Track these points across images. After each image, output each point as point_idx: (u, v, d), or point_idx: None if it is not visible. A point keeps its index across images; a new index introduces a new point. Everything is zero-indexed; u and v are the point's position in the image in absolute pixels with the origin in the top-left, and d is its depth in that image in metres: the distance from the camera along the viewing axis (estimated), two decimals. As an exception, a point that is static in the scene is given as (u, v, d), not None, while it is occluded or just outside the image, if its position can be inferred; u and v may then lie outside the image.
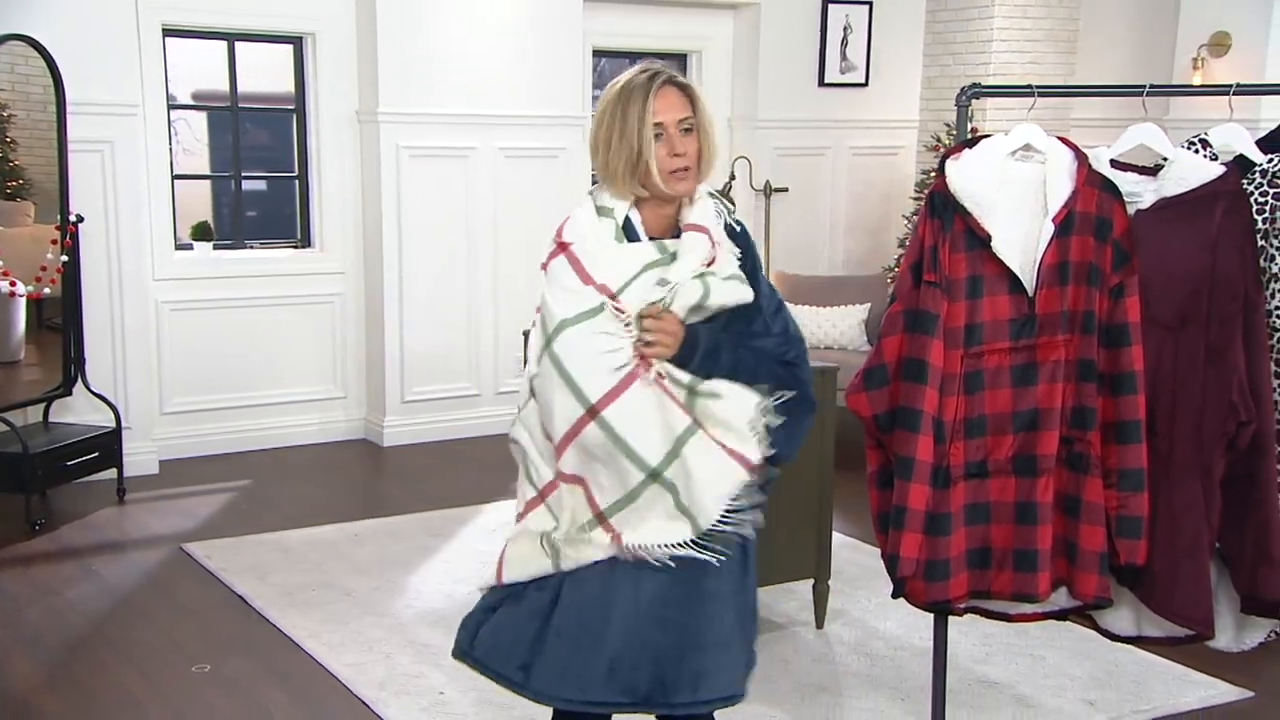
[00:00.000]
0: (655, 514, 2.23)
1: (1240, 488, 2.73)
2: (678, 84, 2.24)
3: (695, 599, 2.26)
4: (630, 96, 2.20)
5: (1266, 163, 2.73)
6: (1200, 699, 3.67)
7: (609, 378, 2.19)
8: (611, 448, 2.19)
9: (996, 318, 2.72)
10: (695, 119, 2.23)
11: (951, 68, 7.50)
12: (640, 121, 2.19)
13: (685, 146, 2.21)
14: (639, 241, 2.28)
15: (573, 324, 2.22)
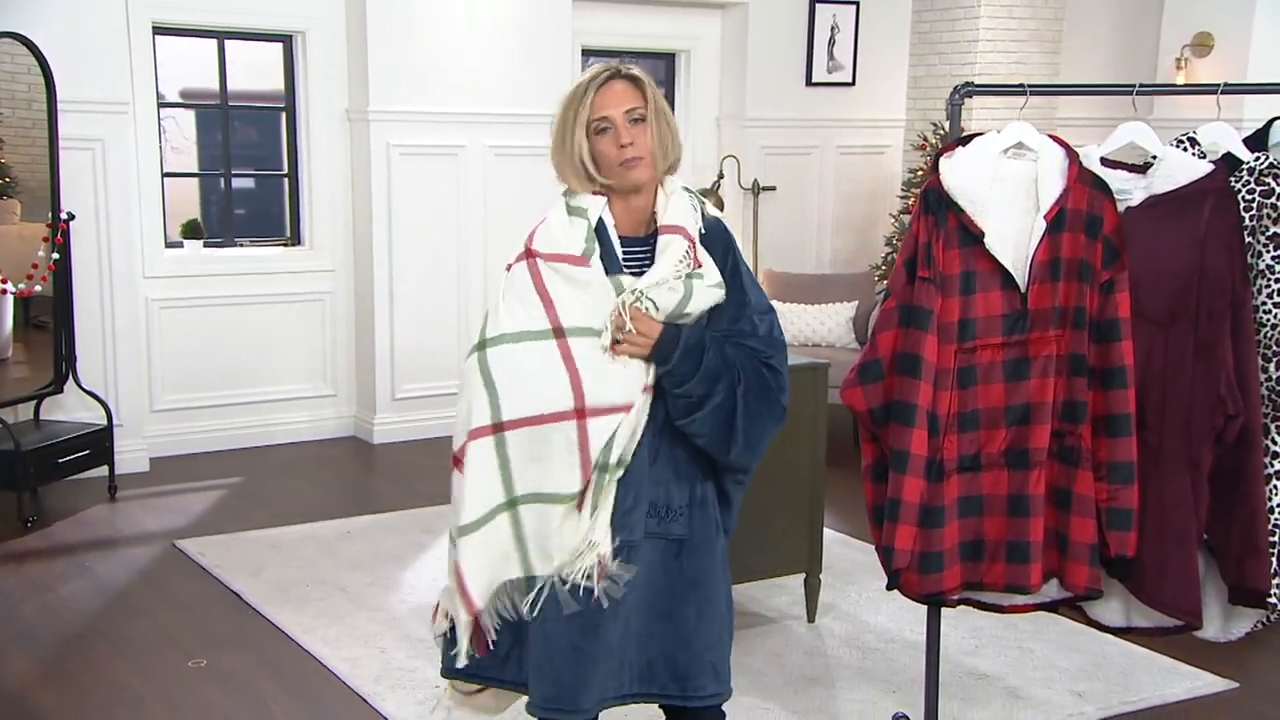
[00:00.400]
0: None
1: (1228, 481, 2.78)
2: (626, 76, 2.24)
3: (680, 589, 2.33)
4: (572, 97, 2.23)
5: (1254, 161, 2.78)
6: (1187, 690, 3.72)
7: (527, 403, 2.22)
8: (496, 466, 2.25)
9: (990, 313, 2.77)
10: (645, 109, 2.22)
11: (937, 67, 7.55)
12: (575, 120, 2.21)
13: (633, 136, 2.21)
14: (610, 246, 2.27)
15: (511, 341, 2.24)
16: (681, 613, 2.31)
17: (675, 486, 2.30)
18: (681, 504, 2.31)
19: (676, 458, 2.30)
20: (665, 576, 2.31)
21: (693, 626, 2.32)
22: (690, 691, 2.34)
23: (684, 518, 2.31)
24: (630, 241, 2.31)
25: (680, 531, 2.30)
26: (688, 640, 2.32)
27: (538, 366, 2.22)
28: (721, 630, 2.37)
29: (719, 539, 2.37)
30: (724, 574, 2.38)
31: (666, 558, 2.31)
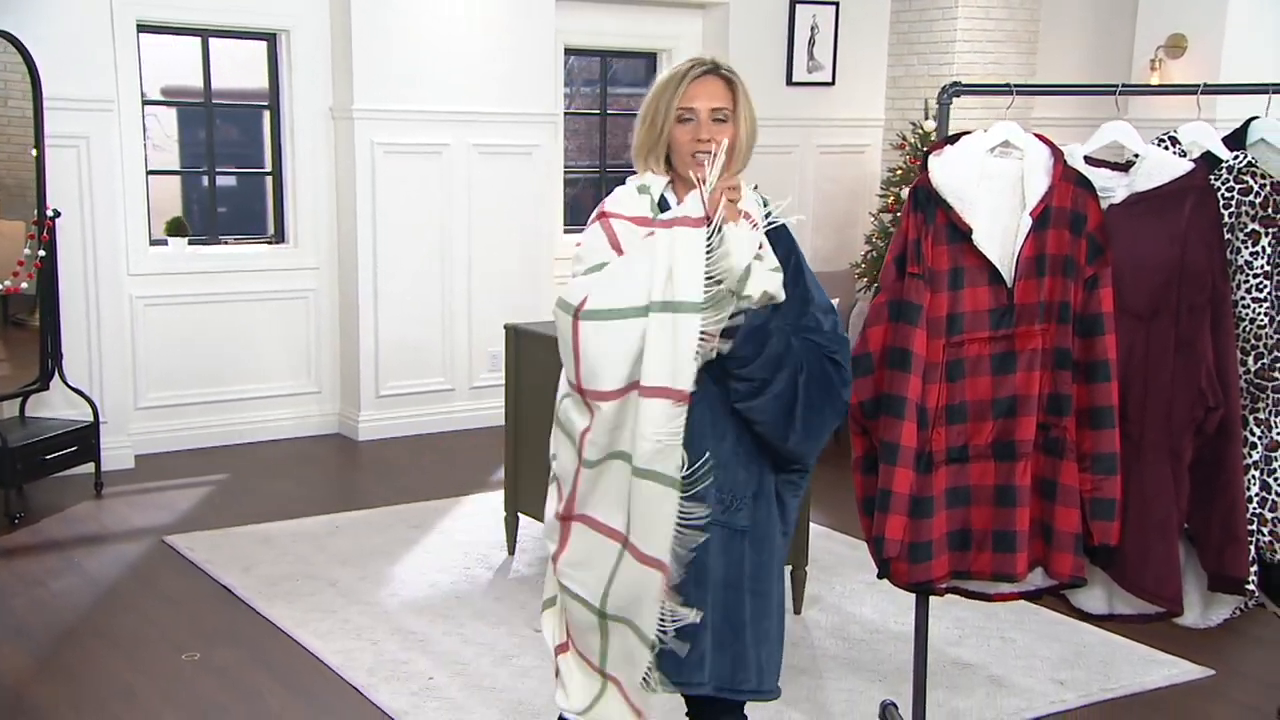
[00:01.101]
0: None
1: (1208, 471, 2.86)
2: (722, 74, 2.31)
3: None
4: (669, 80, 2.30)
5: (1232, 160, 2.86)
6: (1165, 677, 3.80)
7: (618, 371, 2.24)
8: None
9: (977, 308, 2.83)
10: (733, 109, 2.30)
11: (916, 68, 7.64)
12: (668, 105, 2.28)
13: (713, 133, 2.27)
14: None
15: (597, 318, 2.25)
16: (737, 605, 2.31)
17: (743, 473, 2.30)
18: (746, 494, 2.31)
19: (750, 449, 2.31)
20: (727, 568, 2.30)
21: (745, 620, 2.32)
22: (737, 685, 2.33)
23: (747, 508, 2.31)
24: None
25: (743, 523, 2.30)
26: (739, 633, 2.32)
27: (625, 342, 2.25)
28: (770, 627, 2.36)
29: (778, 537, 2.38)
30: (780, 574, 2.39)
31: (730, 548, 2.30)
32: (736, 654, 2.32)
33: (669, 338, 2.17)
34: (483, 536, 4.93)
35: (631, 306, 2.22)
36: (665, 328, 2.18)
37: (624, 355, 2.22)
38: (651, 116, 2.31)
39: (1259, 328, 2.84)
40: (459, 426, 6.63)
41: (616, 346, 2.22)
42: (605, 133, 7.66)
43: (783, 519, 2.40)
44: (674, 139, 2.30)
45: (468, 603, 4.28)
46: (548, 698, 3.56)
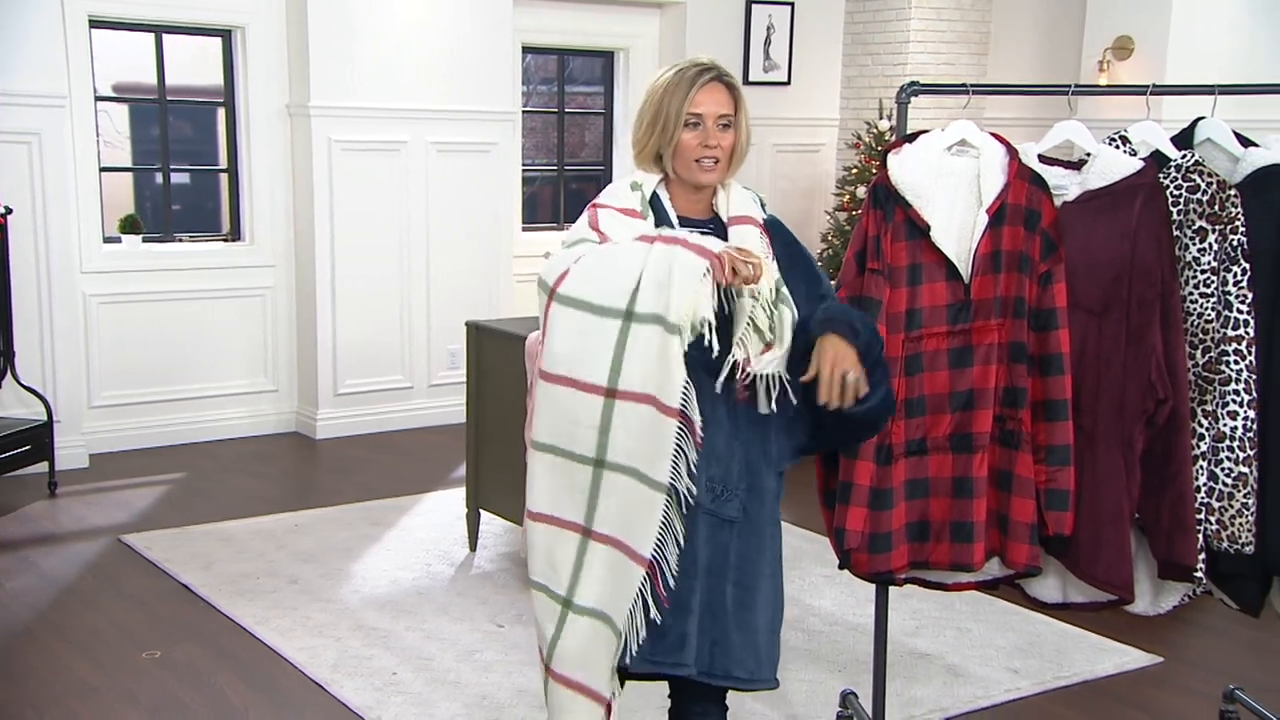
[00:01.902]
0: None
1: (1158, 462, 2.93)
2: (726, 82, 2.37)
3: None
4: (678, 84, 2.34)
5: (1180, 158, 2.93)
6: (1115, 665, 3.89)
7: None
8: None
9: (935, 303, 2.88)
10: (735, 117, 2.36)
11: (870, 68, 7.72)
12: (678, 110, 2.32)
13: (718, 140, 2.34)
14: (666, 218, 2.38)
15: (570, 305, 2.30)
16: (720, 593, 2.33)
17: (737, 466, 2.34)
18: (740, 486, 2.34)
19: (748, 442, 2.34)
20: (712, 555, 2.33)
21: (729, 609, 2.34)
22: (715, 670, 2.35)
23: (738, 500, 2.33)
24: (687, 222, 2.40)
25: (732, 514, 2.33)
26: (719, 620, 2.34)
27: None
28: (752, 619, 2.37)
29: (771, 530, 2.40)
30: (772, 569, 2.41)
31: (717, 537, 2.33)
32: (715, 640, 2.34)
33: (656, 352, 2.22)
34: (444, 533, 4.94)
35: (609, 306, 2.25)
36: (653, 341, 2.22)
37: (591, 350, 2.26)
38: (662, 120, 2.34)
39: (1206, 322, 2.91)
40: (418, 424, 6.63)
41: (585, 340, 2.26)
42: (563, 131, 7.68)
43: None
44: (680, 143, 2.35)
45: (430, 599, 4.29)
46: (512, 691, 3.59)
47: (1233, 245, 2.87)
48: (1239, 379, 2.88)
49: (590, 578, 2.33)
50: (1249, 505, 2.90)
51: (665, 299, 2.21)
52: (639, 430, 2.24)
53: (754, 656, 2.37)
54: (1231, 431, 2.90)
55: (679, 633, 2.30)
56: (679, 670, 2.34)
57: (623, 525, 2.29)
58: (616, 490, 2.28)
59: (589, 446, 2.28)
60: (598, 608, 2.33)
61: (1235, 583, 3.02)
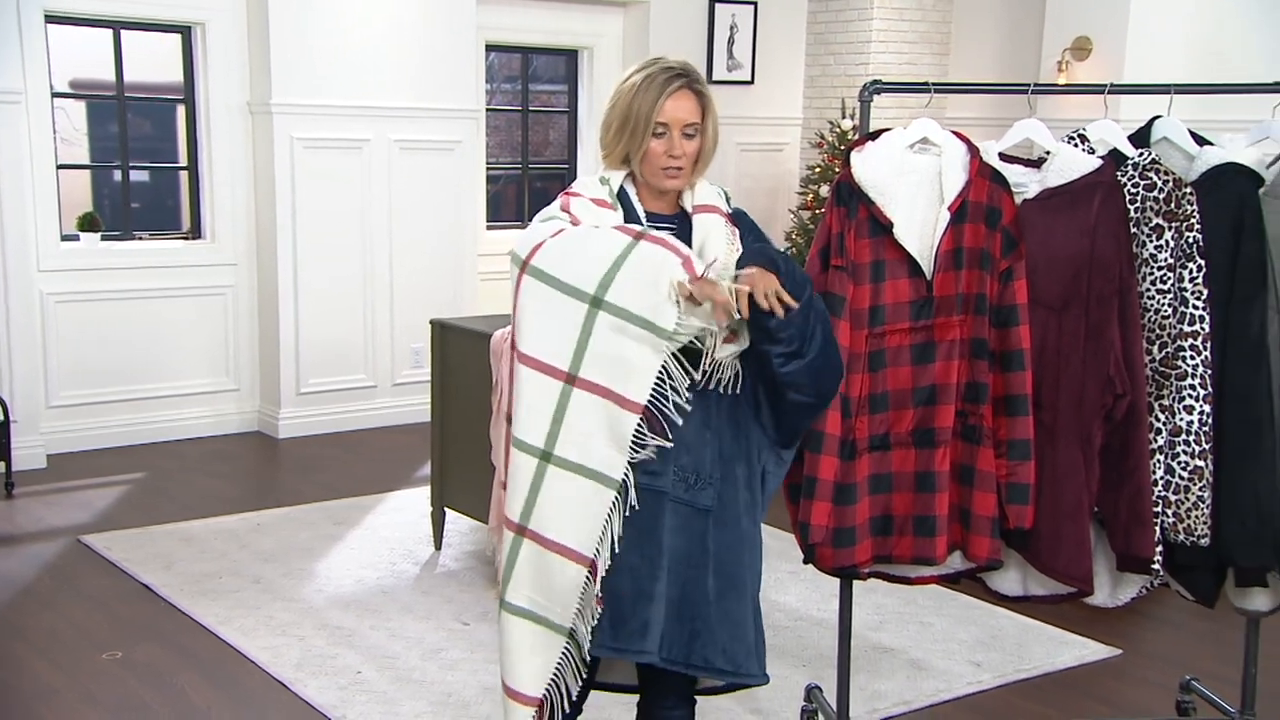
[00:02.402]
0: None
1: (1116, 456, 2.97)
2: (694, 88, 2.35)
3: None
4: (645, 90, 2.32)
5: (1138, 157, 2.97)
6: (1075, 657, 3.94)
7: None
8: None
9: (898, 300, 2.91)
10: (702, 124, 2.35)
11: (833, 68, 7.77)
12: (646, 117, 2.31)
13: (684, 149, 2.33)
14: (634, 213, 2.38)
15: (541, 279, 2.30)
16: (700, 583, 2.31)
17: (709, 454, 2.32)
18: (714, 475, 2.32)
19: (721, 431, 2.33)
20: (688, 544, 2.31)
21: (710, 599, 2.32)
22: (694, 660, 2.32)
23: (712, 489, 2.32)
24: (655, 217, 2.41)
25: (707, 502, 2.31)
26: (700, 610, 2.32)
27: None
28: (741, 611, 2.35)
29: (746, 520, 2.38)
30: (751, 559, 2.39)
31: (691, 526, 2.31)
32: (695, 631, 2.31)
33: (631, 350, 2.22)
34: (408, 532, 4.93)
35: (577, 288, 2.25)
36: (628, 338, 2.23)
37: (556, 330, 2.26)
38: (630, 126, 2.33)
39: (1163, 318, 2.96)
40: (381, 423, 6.60)
41: (550, 319, 2.27)
42: (527, 129, 7.67)
43: (762, 503, 2.42)
44: (647, 151, 2.34)
45: (395, 597, 4.28)
46: (477, 689, 3.58)
47: (1189, 242, 2.92)
48: (1195, 374, 2.93)
49: (520, 575, 2.33)
50: (1205, 498, 2.95)
51: (653, 303, 2.21)
52: (594, 422, 2.24)
53: (742, 648, 2.35)
54: (1188, 426, 2.94)
55: (641, 620, 2.29)
56: (641, 657, 2.32)
57: (557, 523, 2.28)
58: (559, 484, 2.27)
59: (538, 435, 2.28)
60: (528, 607, 2.33)
61: (1191, 574, 3.07)
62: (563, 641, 2.32)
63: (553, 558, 2.29)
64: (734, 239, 2.38)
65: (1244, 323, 2.94)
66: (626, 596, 2.29)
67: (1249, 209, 2.92)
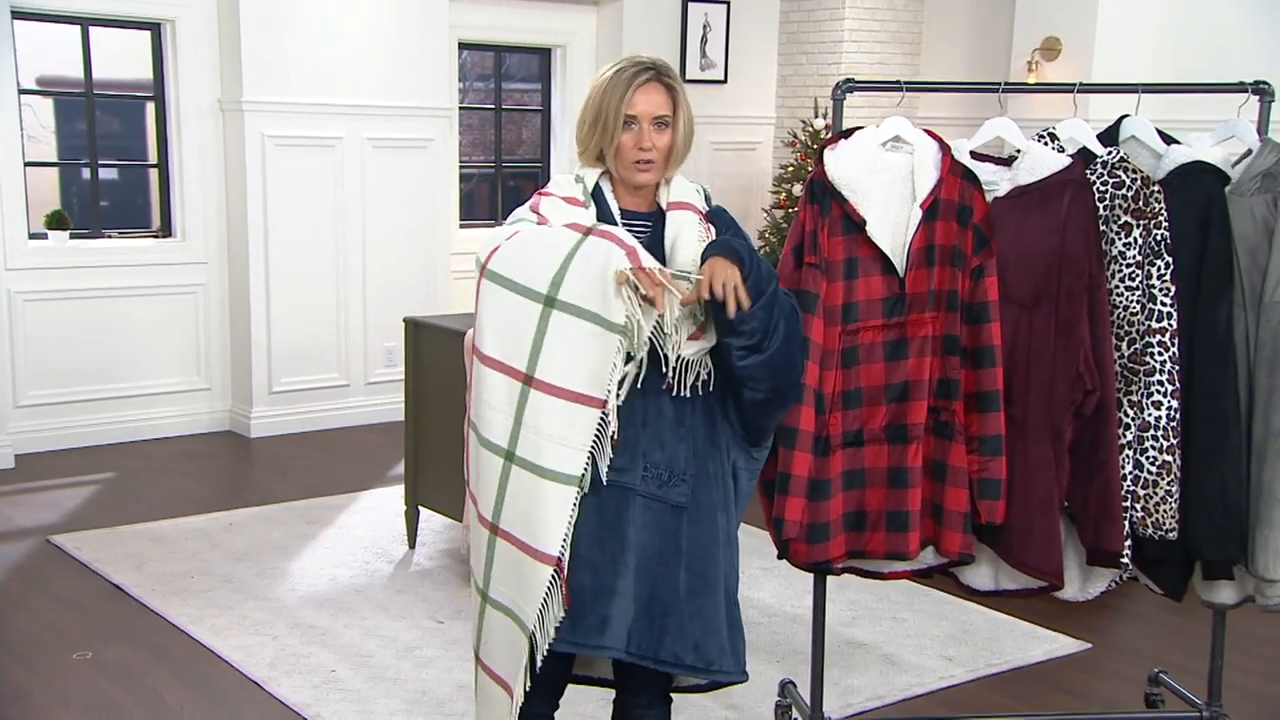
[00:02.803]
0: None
1: (1086, 451, 3.00)
2: (664, 81, 2.34)
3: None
4: (615, 85, 2.33)
5: (1106, 155, 3.01)
6: (1045, 651, 3.98)
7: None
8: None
9: (871, 297, 2.93)
10: (673, 117, 2.35)
11: (805, 67, 7.80)
12: (615, 110, 2.31)
13: (654, 141, 2.32)
14: (608, 210, 2.39)
15: (496, 281, 2.32)
16: (671, 580, 2.31)
17: (683, 450, 2.32)
18: (686, 472, 2.32)
19: (695, 429, 2.33)
20: (660, 541, 2.31)
21: (681, 595, 2.31)
22: (663, 655, 2.31)
23: (685, 485, 2.32)
24: (631, 215, 2.40)
25: (680, 499, 2.31)
26: (671, 607, 2.31)
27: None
28: (714, 608, 2.34)
29: (720, 517, 2.37)
30: (726, 555, 2.39)
31: (664, 523, 2.31)
32: (665, 627, 2.30)
33: (583, 345, 2.23)
34: (382, 531, 4.92)
35: (530, 288, 2.27)
36: (580, 334, 2.23)
37: (513, 331, 2.27)
38: (603, 120, 2.33)
39: (1131, 314, 2.99)
40: (354, 423, 6.58)
41: (507, 320, 2.28)
42: (500, 128, 7.67)
43: (735, 501, 2.42)
44: (618, 144, 2.34)
45: (368, 596, 4.27)
46: (452, 687, 3.58)
47: (1156, 240, 2.95)
48: (1163, 370, 2.97)
49: (499, 573, 2.34)
50: (1173, 493, 2.99)
51: (602, 297, 2.22)
52: (551, 421, 2.25)
53: (715, 645, 2.34)
54: (1156, 421, 2.98)
55: (600, 616, 2.29)
56: (599, 652, 2.33)
57: (525, 523, 2.28)
58: (522, 484, 2.28)
59: (502, 435, 2.29)
60: (507, 604, 2.34)
61: (1160, 568, 3.11)
62: (526, 643, 2.32)
63: (523, 557, 2.30)
64: (707, 236, 2.37)
65: (1211, 320, 2.98)
66: (586, 591, 2.29)
67: (1216, 207, 2.96)
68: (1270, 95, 3.07)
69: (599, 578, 2.29)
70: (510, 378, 2.28)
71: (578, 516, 2.27)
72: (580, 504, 2.27)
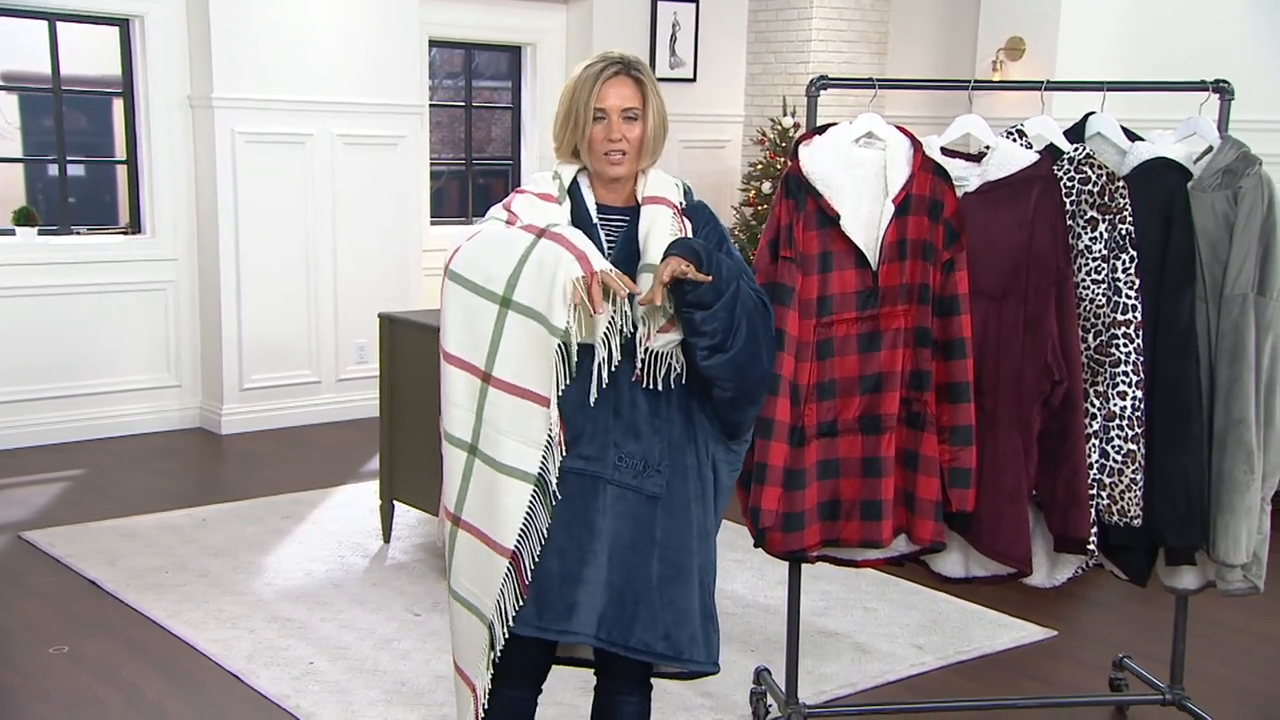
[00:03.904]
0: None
1: (1053, 441, 3.07)
2: (633, 75, 2.39)
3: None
4: (585, 80, 2.38)
5: (1073, 151, 3.08)
6: (1013, 639, 4.06)
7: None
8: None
9: (845, 290, 2.99)
10: (642, 107, 2.39)
11: (774, 65, 7.87)
12: (585, 104, 2.36)
13: (623, 132, 2.37)
14: (584, 206, 2.43)
15: (457, 282, 2.39)
16: (644, 569, 2.34)
17: (659, 442, 2.36)
18: (662, 463, 2.36)
19: (671, 421, 2.37)
20: (633, 531, 2.35)
21: (653, 585, 2.34)
22: (633, 643, 2.34)
23: (660, 476, 2.35)
24: (608, 210, 2.44)
25: (654, 489, 2.35)
26: (642, 595, 2.34)
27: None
28: (686, 598, 2.37)
29: (699, 511, 2.41)
30: (701, 546, 2.41)
31: (639, 512, 2.35)
32: (636, 615, 2.34)
33: (532, 346, 2.28)
34: (357, 526, 4.94)
35: (488, 289, 2.33)
36: (530, 333, 2.29)
37: (473, 330, 2.34)
38: (574, 115, 2.38)
39: (1097, 307, 3.07)
40: (326, 419, 6.58)
41: (468, 319, 2.35)
42: (470, 125, 7.69)
43: (714, 493, 2.46)
44: (590, 138, 2.38)
45: (345, 590, 4.29)
46: (430, 678, 3.61)
47: (1121, 234, 3.03)
48: (1128, 361, 3.04)
49: (460, 563, 2.40)
50: (1137, 480, 3.07)
51: (548, 299, 2.26)
52: (508, 418, 2.31)
53: (686, 634, 2.38)
54: (1121, 411, 3.06)
55: (567, 602, 2.33)
56: (565, 638, 2.37)
57: (486, 515, 2.34)
58: (483, 478, 2.34)
59: (465, 430, 2.36)
60: (467, 597, 2.39)
61: (1125, 554, 3.19)
62: (486, 633, 2.37)
63: (482, 547, 2.35)
64: (681, 231, 2.41)
65: (1174, 312, 3.06)
66: (554, 577, 2.34)
67: (1178, 202, 3.04)
68: (1230, 94, 3.16)
69: (566, 564, 2.34)
70: (471, 375, 2.34)
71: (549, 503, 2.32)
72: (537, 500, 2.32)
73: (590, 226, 2.41)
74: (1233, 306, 3.03)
